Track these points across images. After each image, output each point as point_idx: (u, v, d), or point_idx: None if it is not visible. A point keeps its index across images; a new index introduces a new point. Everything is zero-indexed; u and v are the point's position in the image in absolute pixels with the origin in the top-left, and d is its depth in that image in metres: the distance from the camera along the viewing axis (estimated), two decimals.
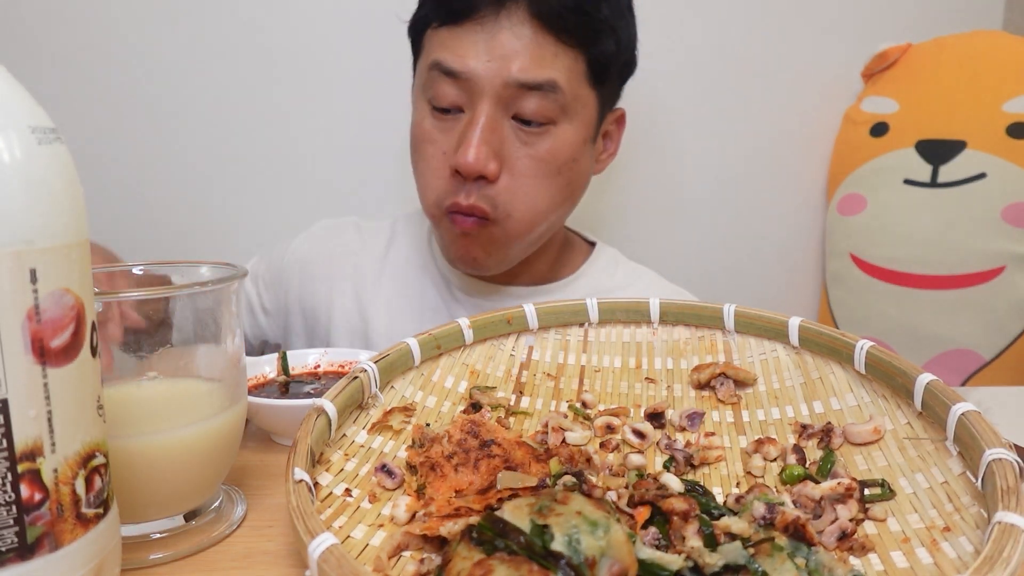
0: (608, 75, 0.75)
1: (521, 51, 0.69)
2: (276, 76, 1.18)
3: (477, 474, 0.45)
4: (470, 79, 0.70)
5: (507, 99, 0.70)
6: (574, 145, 0.74)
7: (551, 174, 0.73)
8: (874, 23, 1.27)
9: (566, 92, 0.71)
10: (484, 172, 0.70)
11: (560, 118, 0.72)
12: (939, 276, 1.12)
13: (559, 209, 0.77)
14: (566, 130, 0.73)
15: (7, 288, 0.28)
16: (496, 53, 0.69)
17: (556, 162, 0.73)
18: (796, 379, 0.53)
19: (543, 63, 0.69)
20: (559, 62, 0.70)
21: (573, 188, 0.78)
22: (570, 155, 0.74)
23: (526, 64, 0.69)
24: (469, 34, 0.70)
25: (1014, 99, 1.11)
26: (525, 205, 0.73)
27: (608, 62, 0.74)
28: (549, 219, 0.76)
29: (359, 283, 0.90)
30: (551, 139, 0.72)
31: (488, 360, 0.59)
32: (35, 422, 0.29)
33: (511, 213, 0.73)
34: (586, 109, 0.74)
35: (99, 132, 1.17)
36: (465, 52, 0.70)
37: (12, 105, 0.29)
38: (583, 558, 0.32)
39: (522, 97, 0.70)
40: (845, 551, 0.38)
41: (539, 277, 0.87)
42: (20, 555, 0.29)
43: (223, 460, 0.45)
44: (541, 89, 0.69)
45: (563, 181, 0.75)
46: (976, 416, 0.39)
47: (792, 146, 1.31)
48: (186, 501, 0.44)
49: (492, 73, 0.69)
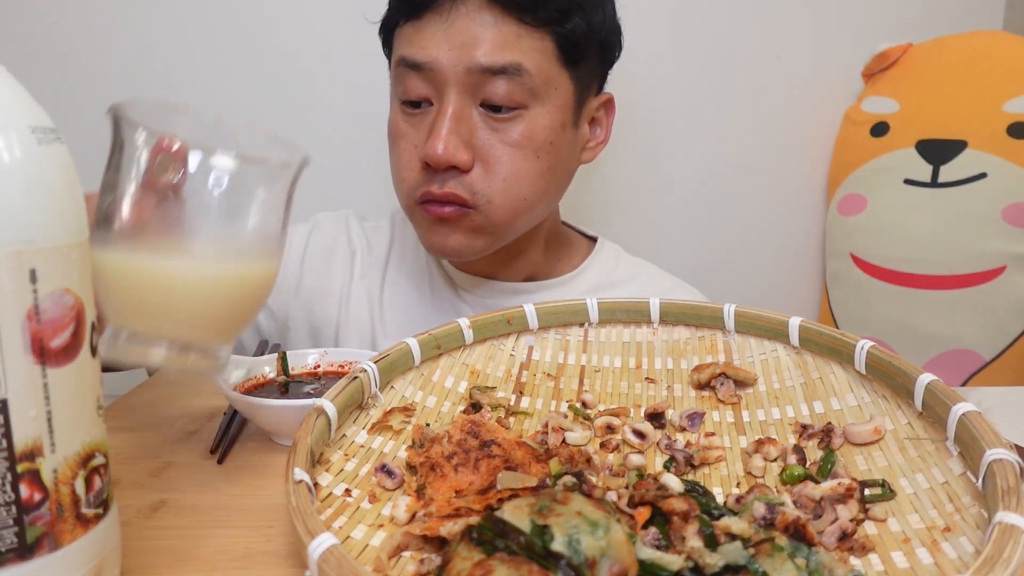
0: (581, 55, 0.74)
1: (481, 36, 0.68)
2: (276, 76, 1.18)
3: (477, 474, 0.45)
4: (433, 69, 0.70)
5: (472, 86, 0.70)
6: (549, 128, 0.73)
7: (528, 159, 0.72)
8: (874, 23, 1.27)
9: (534, 74, 0.70)
10: (454, 162, 0.70)
11: (530, 102, 0.71)
12: (939, 276, 1.12)
13: (543, 195, 0.76)
14: (539, 113, 0.72)
15: (7, 288, 0.28)
16: (456, 41, 0.68)
17: (532, 146, 0.72)
18: (796, 379, 0.53)
19: (505, 46, 0.68)
20: (523, 44, 0.69)
21: (555, 173, 0.76)
22: (545, 138, 0.73)
23: (487, 49, 0.68)
24: (429, 25, 0.70)
25: (1014, 99, 1.11)
26: (505, 192, 0.72)
27: (580, 41, 0.72)
28: (533, 205, 0.75)
29: (370, 284, 0.89)
30: (523, 123, 0.71)
31: (488, 360, 0.59)
32: (35, 422, 0.29)
33: (491, 199, 0.72)
34: (560, 91, 0.73)
35: (99, 132, 1.17)
36: (426, 43, 0.70)
37: (12, 105, 0.29)
38: (583, 558, 0.32)
39: (488, 83, 0.69)
40: (845, 551, 0.38)
41: (538, 270, 0.87)
42: (20, 555, 0.29)
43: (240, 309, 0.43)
44: (506, 73, 0.69)
45: (542, 166, 0.74)
46: (976, 416, 0.39)
47: (792, 146, 1.31)
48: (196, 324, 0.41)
49: (454, 61, 0.69)
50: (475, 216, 0.73)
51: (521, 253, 0.84)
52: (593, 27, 0.73)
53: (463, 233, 0.74)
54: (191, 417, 0.62)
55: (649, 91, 1.23)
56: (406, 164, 0.74)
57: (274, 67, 1.18)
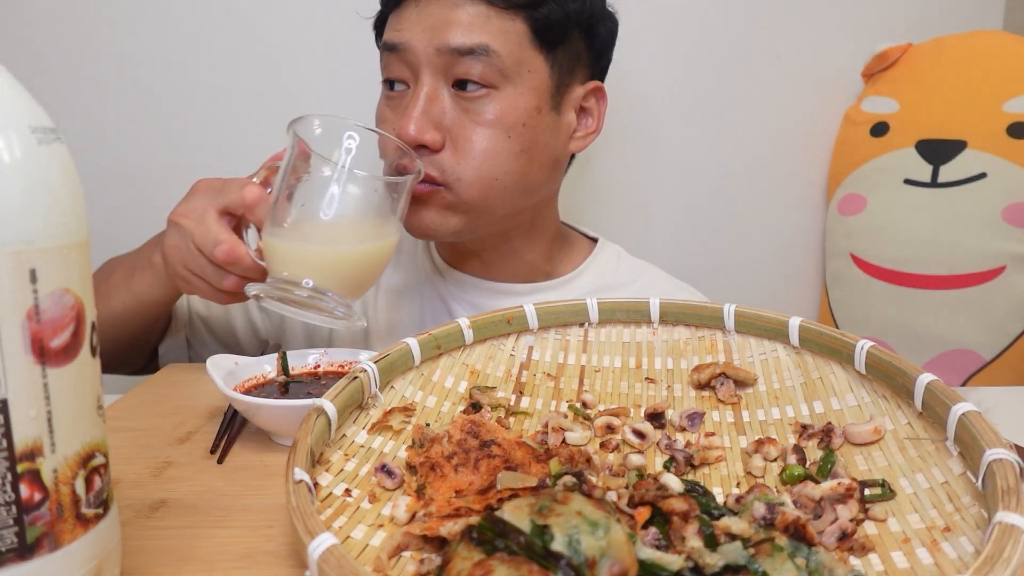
0: (559, 39, 0.75)
1: (451, 19, 0.71)
2: (276, 76, 1.18)
3: (477, 474, 0.45)
4: (407, 50, 0.72)
5: (443, 67, 0.72)
6: (522, 110, 0.74)
7: (498, 138, 0.73)
8: (874, 23, 1.27)
9: (503, 56, 0.71)
10: (423, 141, 0.71)
11: (501, 83, 0.72)
12: (939, 276, 1.12)
13: (518, 176, 0.75)
14: (510, 94, 0.73)
15: (7, 288, 0.28)
16: (428, 23, 0.71)
17: (502, 126, 0.73)
18: (796, 379, 0.53)
19: (474, 28, 0.71)
20: (492, 26, 0.71)
21: (531, 156, 0.76)
22: (517, 119, 0.73)
23: (457, 31, 0.70)
24: (405, 11, 0.74)
25: (1014, 99, 1.11)
26: (475, 170, 0.73)
27: (555, 25, 0.73)
28: (507, 185, 0.75)
29: None
30: (493, 103, 0.73)
31: (488, 360, 0.59)
32: (35, 422, 0.29)
33: (461, 176, 0.73)
34: (534, 74, 0.74)
35: (99, 132, 1.17)
36: (401, 26, 0.73)
37: (12, 105, 0.29)
38: (583, 558, 0.32)
39: (457, 64, 0.71)
40: (845, 551, 0.38)
41: (536, 271, 0.87)
42: (20, 555, 0.29)
43: (369, 272, 0.65)
44: (474, 53, 0.71)
45: (515, 146, 0.74)
46: (976, 416, 0.39)
47: (792, 146, 1.31)
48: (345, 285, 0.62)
49: (425, 42, 0.71)
50: (445, 194, 0.74)
51: (515, 253, 0.84)
52: (568, 13, 0.74)
53: (436, 211, 0.75)
54: (191, 417, 0.62)
55: (649, 91, 1.23)
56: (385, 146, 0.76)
57: (275, 66, 1.18)
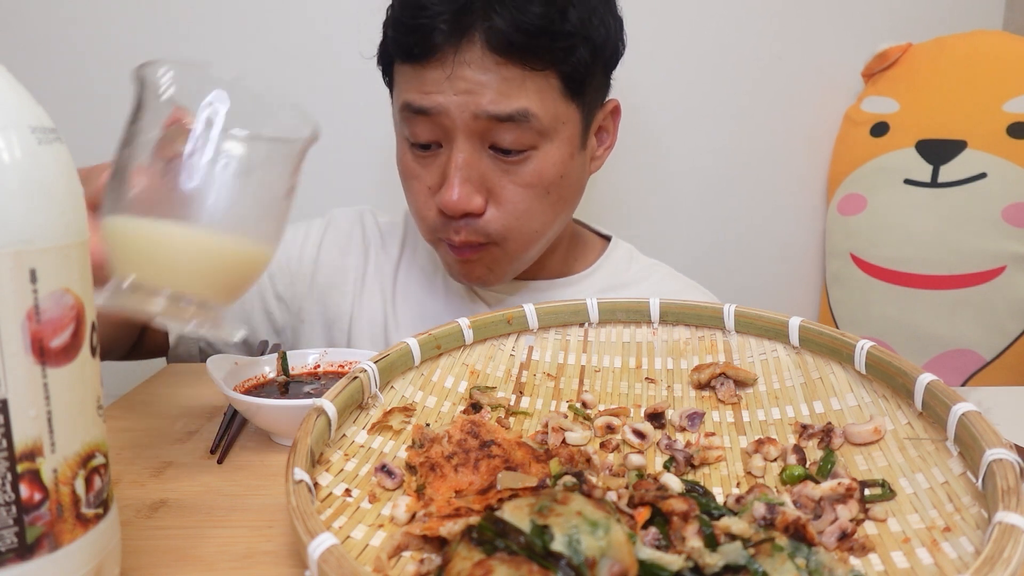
0: (587, 85, 0.72)
1: (486, 83, 0.66)
2: (276, 75, 1.18)
3: (477, 474, 0.45)
4: (440, 114, 0.68)
5: (481, 131, 0.69)
6: (559, 163, 0.72)
7: (540, 196, 0.73)
8: (874, 23, 1.27)
9: (541, 117, 0.68)
10: (469, 210, 0.70)
11: (540, 142, 0.70)
12: (939, 276, 1.12)
13: (552, 223, 0.77)
14: (548, 151, 0.71)
15: (7, 288, 0.28)
16: (460, 88, 0.67)
17: (543, 184, 0.72)
18: (796, 379, 0.53)
19: (510, 94, 0.67)
20: (528, 87, 0.67)
21: (566, 201, 0.77)
22: (556, 174, 0.72)
23: (493, 97, 0.67)
24: (432, 71, 0.68)
25: (1014, 99, 1.11)
26: (519, 230, 0.73)
27: (585, 72, 0.70)
28: (544, 234, 0.77)
29: (384, 280, 0.89)
30: (533, 163, 0.71)
31: (488, 360, 0.59)
32: (35, 422, 0.29)
33: (507, 237, 0.73)
34: (567, 125, 0.72)
35: (99, 132, 1.17)
36: (430, 89, 0.68)
37: (12, 105, 0.29)
38: (583, 558, 0.32)
39: (496, 129, 0.68)
40: (845, 551, 0.38)
41: (554, 271, 0.87)
42: (20, 555, 0.29)
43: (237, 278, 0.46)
44: (513, 120, 0.68)
45: (553, 199, 0.74)
46: (976, 416, 0.39)
47: (792, 146, 1.31)
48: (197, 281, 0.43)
49: (460, 108, 0.67)
50: (494, 250, 0.75)
51: (544, 258, 0.85)
52: (597, 52, 0.71)
53: (486, 267, 0.77)
54: (191, 417, 0.62)
55: (648, 92, 1.23)
56: (423, 204, 0.74)
57: (277, 64, 1.18)
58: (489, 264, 0.76)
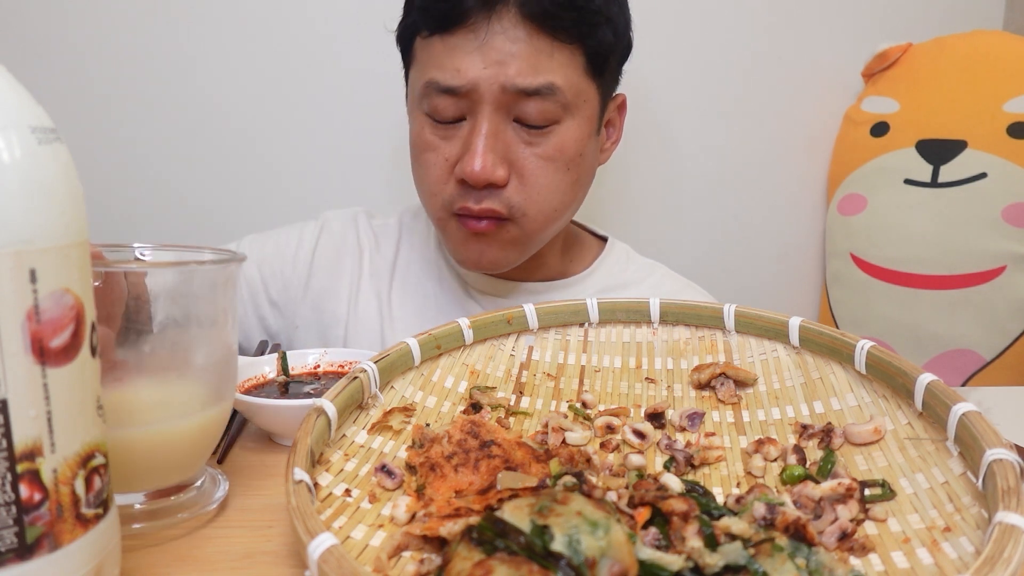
0: (607, 65, 0.74)
1: (516, 55, 0.68)
2: (276, 75, 1.18)
3: (477, 474, 0.45)
4: (469, 91, 0.69)
5: (507, 103, 0.70)
6: (579, 140, 0.74)
7: (560, 171, 0.73)
8: (874, 23, 1.27)
9: (566, 91, 0.70)
10: (492, 180, 0.70)
11: (563, 116, 0.72)
12: (939, 276, 1.12)
13: (570, 204, 0.77)
14: (570, 127, 0.72)
15: (7, 288, 0.28)
16: (491, 59, 0.68)
17: (564, 159, 0.73)
18: (796, 379, 0.53)
19: (539, 66, 0.68)
20: (556, 61, 0.69)
21: (582, 182, 0.78)
22: (576, 151, 0.74)
23: (522, 68, 0.68)
24: (462, 43, 0.68)
25: (1014, 99, 1.11)
26: (539, 205, 0.73)
27: (607, 52, 0.73)
28: (562, 215, 0.77)
29: (379, 283, 0.89)
30: (556, 137, 0.72)
31: (488, 360, 0.59)
32: (35, 422, 0.29)
33: (526, 212, 0.73)
34: (588, 103, 0.74)
35: (99, 132, 1.17)
36: (459, 65, 0.68)
37: (12, 105, 0.29)
38: (583, 558, 0.32)
39: (522, 101, 0.69)
40: (845, 551, 0.38)
41: (552, 272, 0.87)
42: (19, 555, 0.29)
43: (202, 449, 0.46)
44: (540, 93, 0.69)
45: (572, 177, 0.75)
46: (977, 416, 0.39)
47: (792, 146, 1.31)
48: (164, 477, 0.44)
49: (490, 80, 0.68)
50: (511, 228, 0.74)
51: (540, 257, 0.85)
52: (618, 35, 0.74)
53: (499, 246, 0.75)
54: None
55: (648, 92, 1.23)
56: (437, 178, 0.74)
57: (277, 64, 1.18)
58: (503, 245, 0.75)
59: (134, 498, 0.44)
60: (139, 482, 0.43)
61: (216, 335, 0.44)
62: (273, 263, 0.91)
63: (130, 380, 0.42)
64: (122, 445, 0.40)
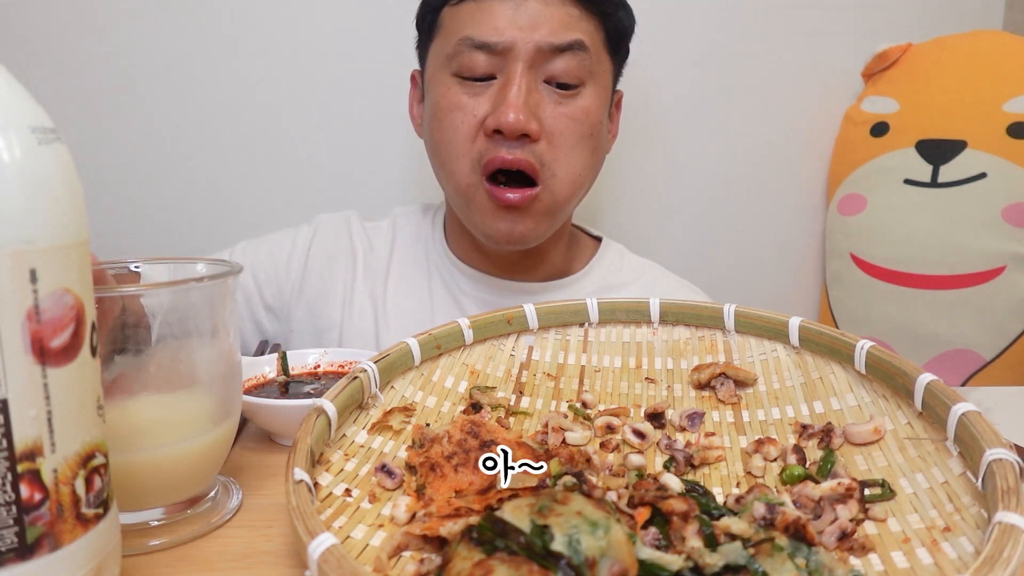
0: (621, 46, 0.79)
1: (549, 16, 0.72)
2: (276, 75, 1.18)
3: (477, 474, 0.45)
4: (504, 49, 0.72)
5: (539, 62, 0.73)
6: (600, 108, 0.77)
7: (584, 136, 0.76)
8: (874, 23, 1.27)
9: (591, 53, 0.74)
10: (527, 130, 0.71)
11: (588, 79, 0.75)
12: (939, 276, 1.12)
13: (590, 174, 0.79)
14: (592, 93, 0.76)
15: (7, 288, 0.28)
16: (525, 21, 0.72)
17: (588, 123, 0.76)
18: (796, 379, 0.53)
19: (569, 25, 0.73)
20: (583, 25, 0.74)
21: (597, 158, 0.80)
22: (598, 118, 0.77)
23: (555, 27, 0.72)
24: (498, 4, 0.72)
25: (1014, 99, 1.11)
26: (567, 166, 0.75)
27: (622, 35, 0.79)
28: (584, 182, 0.79)
29: (373, 285, 0.89)
30: (582, 100, 0.75)
31: (488, 360, 0.59)
32: (35, 422, 0.29)
33: (556, 173, 0.75)
34: (605, 76, 0.78)
35: (99, 132, 1.17)
36: (496, 22, 0.72)
37: (12, 105, 0.29)
38: (583, 558, 0.32)
39: (553, 59, 0.73)
40: (845, 551, 0.38)
41: (555, 270, 0.87)
42: (20, 555, 0.29)
43: (213, 463, 0.46)
44: (571, 49, 0.73)
45: (592, 145, 0.77)
46: (976, 416, 0.39)
47: (792, 146, 1.31)
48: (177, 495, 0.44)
49: (525, 39, 0.72)
50: (543, 196, 0.75)
51: (545, 253, 0.84)
52: (630, 24, 0.80)
53: (533, 218, 0.76)
54: None
55: (648, 91, 1.23)
56: (466, 135, 0.74)
57: (275, 66, 1.18)
58: (537, 217, 0.75)
59: (151, 515, 0.44)
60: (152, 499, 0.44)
61: (218, 349, 0.44)
62: (267, 268, 0.91)
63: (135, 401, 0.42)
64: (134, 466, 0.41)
